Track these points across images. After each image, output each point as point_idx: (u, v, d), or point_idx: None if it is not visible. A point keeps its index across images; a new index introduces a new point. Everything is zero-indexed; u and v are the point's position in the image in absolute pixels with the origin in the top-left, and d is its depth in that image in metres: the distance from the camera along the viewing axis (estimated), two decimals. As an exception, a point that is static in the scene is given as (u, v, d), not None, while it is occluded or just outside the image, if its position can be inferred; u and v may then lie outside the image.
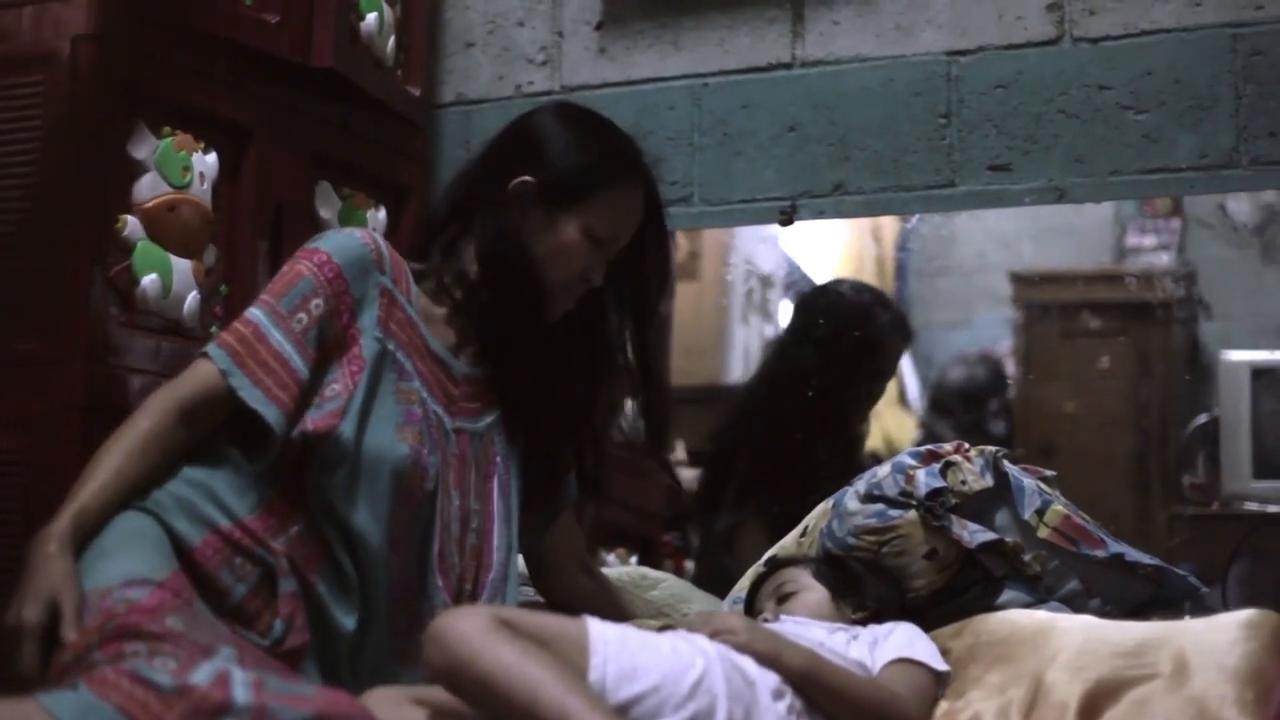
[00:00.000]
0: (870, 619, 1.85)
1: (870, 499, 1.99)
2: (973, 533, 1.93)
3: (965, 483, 1.95)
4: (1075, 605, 1.92)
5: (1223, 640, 1.64)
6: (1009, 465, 2.01)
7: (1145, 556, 1.95)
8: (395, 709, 1.51)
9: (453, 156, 2.76)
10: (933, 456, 2.00)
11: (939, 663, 1.73)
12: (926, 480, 1.95)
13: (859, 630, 1.78)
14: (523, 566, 2.09)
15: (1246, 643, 1.63)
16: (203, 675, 1.31)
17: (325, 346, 1.77)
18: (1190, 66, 2.38)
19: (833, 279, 3.50)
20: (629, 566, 2.92)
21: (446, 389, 1.87)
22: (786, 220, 2.60)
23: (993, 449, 2.02)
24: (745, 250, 4.01)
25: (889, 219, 4.03)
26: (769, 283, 4.13)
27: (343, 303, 1.79)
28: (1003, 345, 4.41)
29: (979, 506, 1.97)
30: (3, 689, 1.40)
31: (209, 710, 1.28)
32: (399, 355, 1.82)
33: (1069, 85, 2.45)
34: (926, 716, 1.67)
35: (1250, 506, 3.25)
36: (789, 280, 4.03)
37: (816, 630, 1.75)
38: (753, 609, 1.95)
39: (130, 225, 2.07)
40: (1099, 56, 2.44)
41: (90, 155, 2.00)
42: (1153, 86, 2.40)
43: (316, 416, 1.72)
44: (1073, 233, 4.21)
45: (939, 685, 1.72)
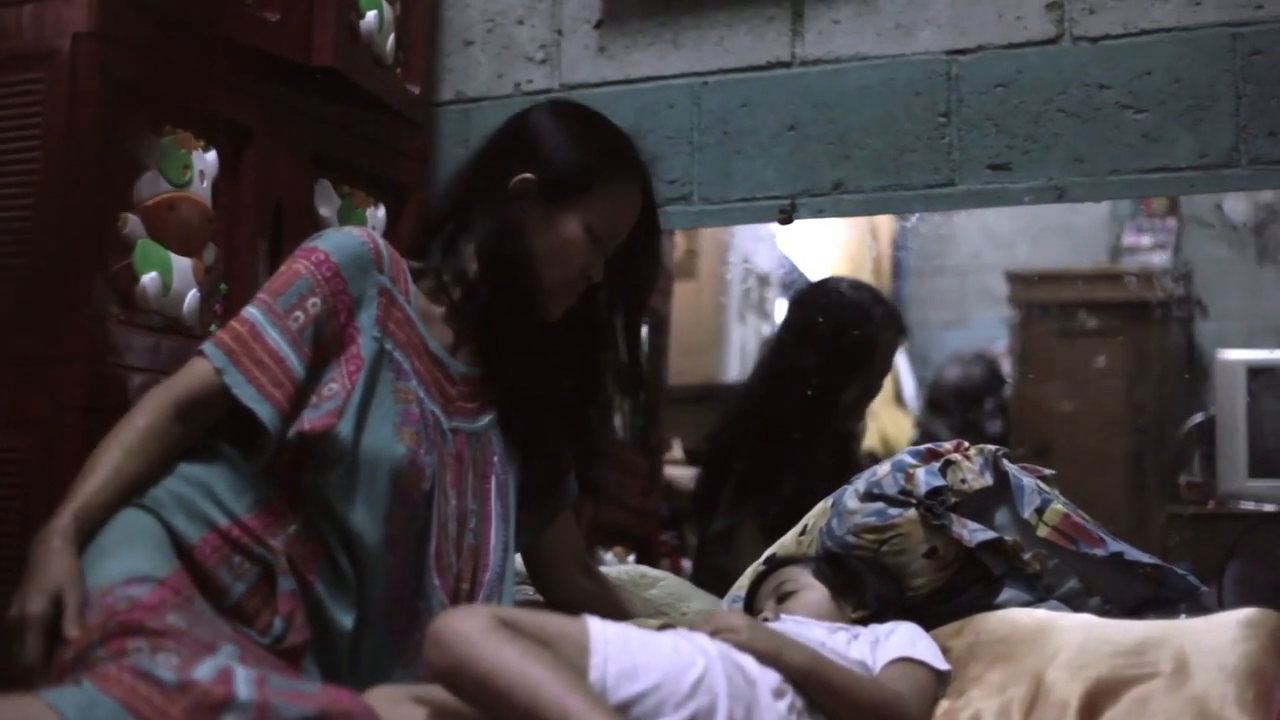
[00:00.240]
0: (870, 618, 1.85)
1: (870, 497, 1.99)
2: (972, 531, 1.93)
3: (965, 481, 1.95)
4: (1075, 604, 1.92)
5: (1223, 639, 1.64)
6: (1008, 464, 2.01)
7: (1145, 555, 1.95)
8: (396, 708, 1.50)
9: (452, 155, 2.75)
10: (932, 455, 2.01)
11: (940, 662, 1.73)
12: (926, 479, 1.96)
13: (859, 630, 1.78)
14: (521, 566, 2.09)
15: (1246, 642, 1.63)
16: (205, 671, 1.31)
17: (322, 345, 1.77)
18: (1190, 66, 2.38)
19: (827, 276, 3.50)
20: (627, 565, 2.92)
21: (444, 388, 1.87)
22: (786, 219, 2.60)
23: (992, 448, 2.02)
24: (743, 249, 4.01)
25: (885, 218, 4.04)
26: (766, 282, 4.13)
27: (340, 301, 1.78)
28: (999, 344, 4.42)
29: (979, 505, 1.97)
30: (6, 682, 1.41)
31: (212, 705, 1.28)
32: (397, 354, 1.82)
33: (1069, 84, 2.45)
34: (928, 715, 1.68)
35: (1246, 505, 3.26)
36: (786, 279, 4.03)
37: (817, 630, 1.75)
38: (752, 608, 1.95)
39: (130, 223, 2.07)
40: (1099, 56, 2.43)
41: (90, 153, 1.99)
42: (1152, 86, 2.40)
43: (314, 416, 1.72)
44: (1069, 232, 4.22)
45: (940, 684, 1.72)
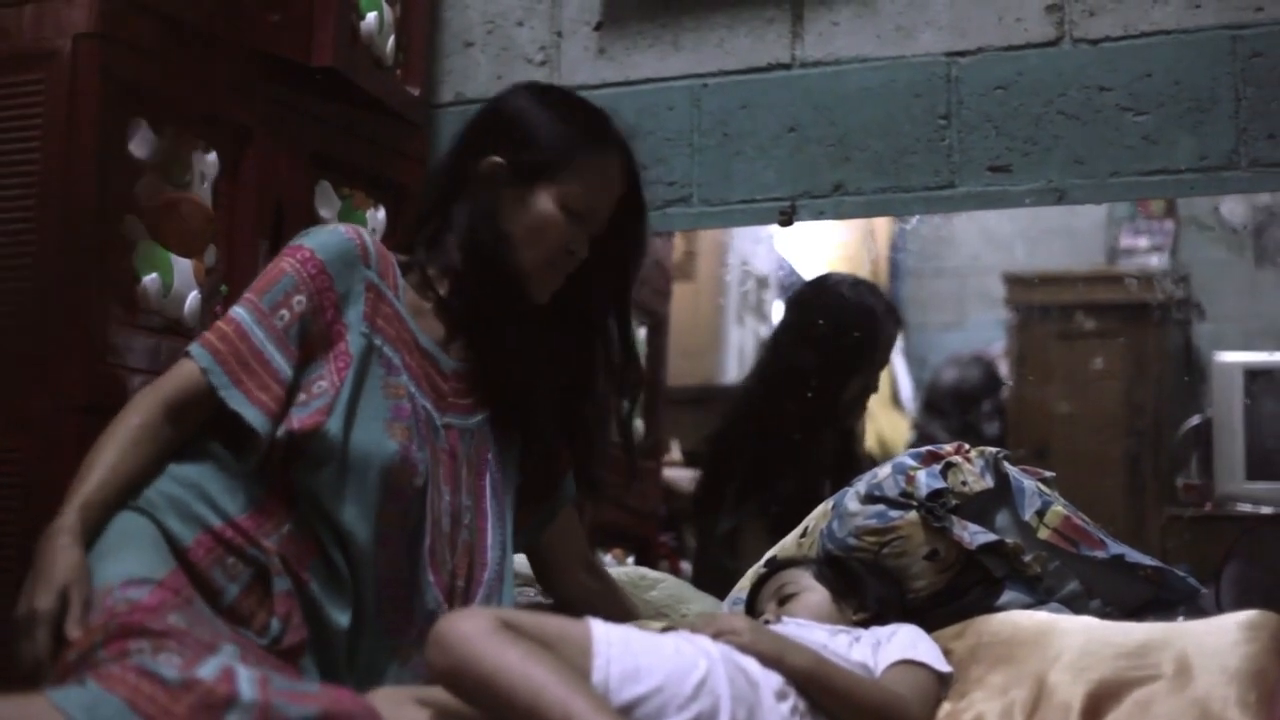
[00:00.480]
0: (872, 620, 1.85)
1: (870, 500, 1.99)
2: (973, 534, 1.93)
3: (966, 484, 1.96)
4: (1075, 606, 1.92)
5: (1224, 641, 1.64)
6: (1009, 466, 2.01)
7: (1145, 558, 1.95)
8: (398, 709, 1.50)
9: (452, 156, 2.75)
10: (933, 457, 2.01)
11: (942, 664, 1.73)
12: (927, 481, 1.96)
13: (861, 632, 1.78)
14: (523, 567, 2.09)
15: (1248, 644, 1.63)
16: (208, 670, 1.32)
17: (310, 343, 1.76)
18: (1190, 68, 2.38)
19: (822, 274, 3.48)
20: (627, 567, 2.92)
21: (435, 384, 1.86)
22: (786, 221, 2.60)
23: (993, 450, 2.02)
24: (742, 251, 4.00)
25: (883, 220, 4.03)
26: (765, 284, 4.13)
27: (326, 298, 1.78)
28: (997, 346, 4.41)
29: (979, 507, 1.97)
30: (14, 679, 1.41)
31: (216, 704, 1.28)
32: (386, 350, 1.81)
33: (1069, 86, 2.45)
34: (930, 718, 1.68)
35: (1243, 508, 3.26)
36: (785, 281, 4.02)
37: (818, 632, 1.75)
38: (754, 610, 1.95)
39: (131, 225, 2.07)
40: (1099, 58, 2.44)
41: (91, 154, 1.99)
42: (1152, 88, 2.40)
43: (303, 414, 1.71)
44: (1067, 234, 4.22)
45: (942, 686, 1.72)
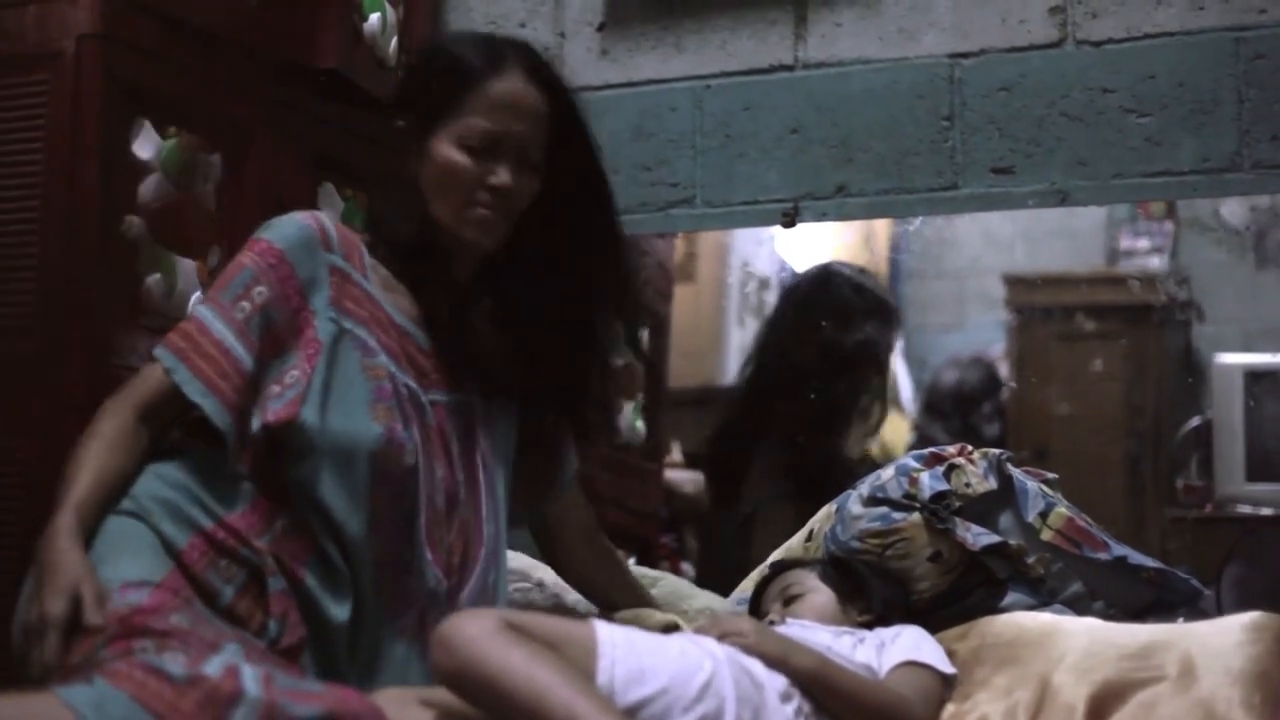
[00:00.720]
0: (876, 621, 1.85)
1: (874, 502, 2.00)
2: (976, 535, 1.93)
3: (969, 485, 1.96)
4: (1078, 608, 1.92)
5: (1228, 643, 1.64)
6: (1012, 468, 2.01)
7: (1148, 560, 1.96)
8: (403, 709, 1.50)
9: (453, 157, 2.75)
10: (936, 459, 2.01)
11: (946, 665, 1.73)
12: (930, 483, 1.96)
13: (865, 633, 1.78)
14: (514, 560, 2.07)
15: (1252, 645, 1.63)
16: (213, 667, 1.32)
17: (275, 333, 1.73)
18: (1193, 70, 2.38)
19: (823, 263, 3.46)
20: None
21: (415, 360, 1.82)
22: (789, 222, 2.59)
23: (996, 451, 2.02)
24: (743, 252, 4.01)
25: (884, 221, 4.03)
26: (766, 285, 4.13)
27: (289, 286, 1.75)
28: (997, 348, 4.41)
29: (982, 509, 1.97)
30: (7, 681, 1.41)
31: (222, 700, 1.29)
32: (359, 332, 1.77)
33: (1071, 88, 2.45)
34: (934, 719, 1.68)
35: (1243, 509, 3.27)
36: (786, 282, 4.02)
37: (823, 634, 1.75)
38: (758, 611, 1.95)
39: (134, 225, 2.07)
40: (1102, 60, 2.44)
41: (94, 155, 1.99)
42: (1155, 90, 2.40)
43: (277, 406, 1.69)
44: (1067, 235, 4.23)
45: (946, 688, 1.72)
